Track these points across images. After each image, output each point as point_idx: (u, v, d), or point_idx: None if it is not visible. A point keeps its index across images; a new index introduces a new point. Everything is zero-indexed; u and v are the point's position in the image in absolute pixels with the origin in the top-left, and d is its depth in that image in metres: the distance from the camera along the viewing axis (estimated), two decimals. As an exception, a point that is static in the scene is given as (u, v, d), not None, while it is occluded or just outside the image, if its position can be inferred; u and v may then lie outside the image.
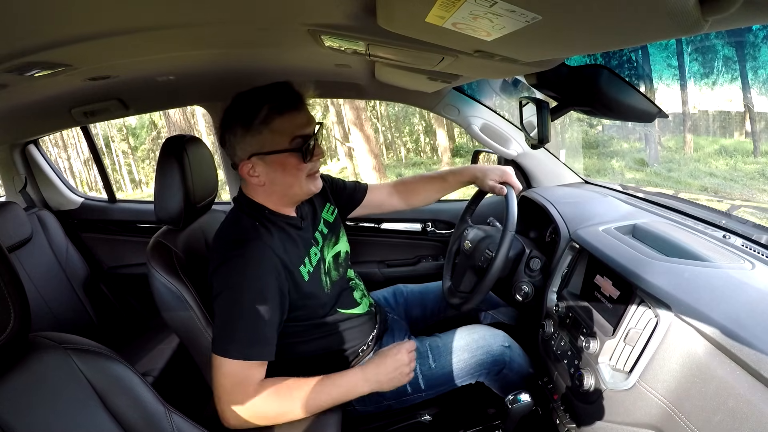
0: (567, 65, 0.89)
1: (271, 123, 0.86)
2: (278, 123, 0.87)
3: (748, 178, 4.57)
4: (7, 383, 0.53)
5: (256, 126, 0.86)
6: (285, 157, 0.89)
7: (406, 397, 1.06)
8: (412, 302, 1.36)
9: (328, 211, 1.14)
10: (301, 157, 0.89)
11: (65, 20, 0.57)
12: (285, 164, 0.89)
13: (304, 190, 0.94)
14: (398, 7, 0.48)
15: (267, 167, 0.90)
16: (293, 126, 0.88)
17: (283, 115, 0.87)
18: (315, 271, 0.97)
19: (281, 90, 0.89)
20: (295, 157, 0.89)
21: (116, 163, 15.19)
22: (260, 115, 0.86)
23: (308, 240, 1.00)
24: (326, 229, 1.09)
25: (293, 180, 0.91)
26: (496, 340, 1.10)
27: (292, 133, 0.88)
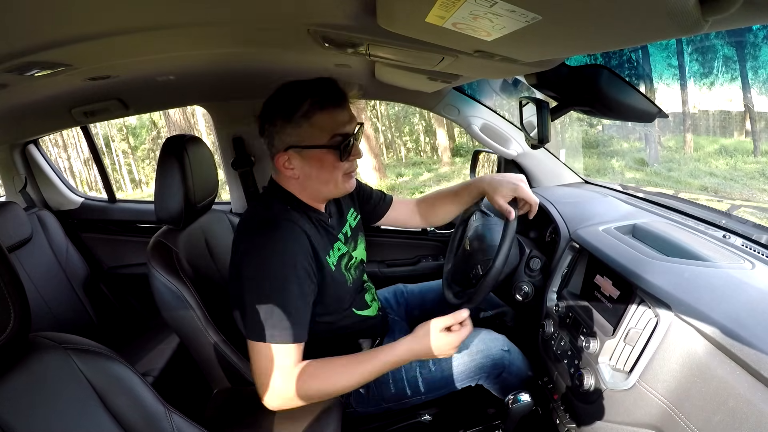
0: (567, 65, 0.89)
1: (312, 117, 0.86)
2: (319, 118, 0.86)
3: (748, 178, 4.57)
4: (7, 383, 0.53)
5: (296, 119, 0.86)
6: (323, 154, 0.88)
7: (405, 400, 1.06)
8: (412, 302, 1.36)
9: (352, 215, 1.13)
10: (338, 155, 0.88)
11: (65, 20, 0.57)
12: (322, 161, 0.89)
13: (339, 189, 0.94)
14: (398, 7, 0.48)
15: (303, 161, 0.89)
16: (334, 123, 0.87)
17: (324, 111, 0.86)
18: (338, 262, 0.97)
19: (325, 86, 0.88)
20: (332, 155, 0.88)
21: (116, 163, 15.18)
22: (302, 108, 0.85)
23: (334, 236, 1.00)
24: (350, 232, 1.09)
25: (329, 177, 0.91)
26: (496, 343, 1.10)
27: (332, 130, 0.87)
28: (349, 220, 1.10)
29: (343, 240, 1.04)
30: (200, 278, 1.04)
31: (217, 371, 1.00)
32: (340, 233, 1.04)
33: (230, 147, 1.68)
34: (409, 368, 1.06)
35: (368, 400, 1.05)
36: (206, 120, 11.65)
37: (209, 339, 0.96)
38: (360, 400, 1.06)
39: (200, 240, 1.15)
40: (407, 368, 1.06)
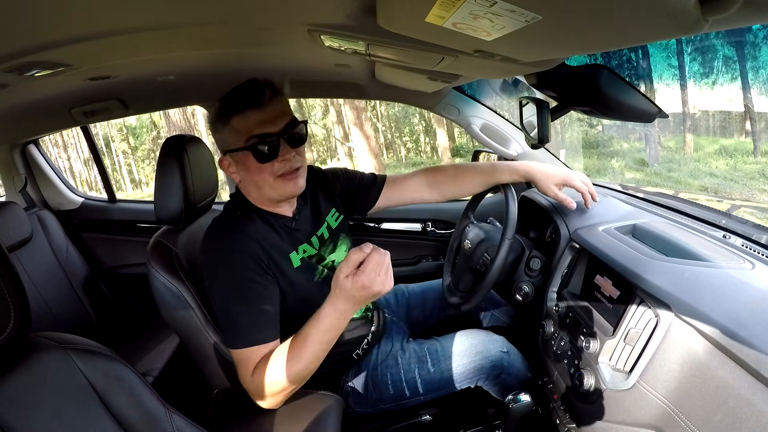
0: (567, 65, 0.89)
1: (229, 121, 0.86)
2: (236, 121, 0.86)
3: (748, 178, 4.57)
4: (7, 383, 0.53)
5: (217, 124, 0.89)
6: (244, 157, 0.87)
7: (404, 401, 1.06)
8: (413, 302, 1.36)
9: (333, 216, 1.09)
10: (257, 158, 0.86)
11: (65, 20, 0.57)
12: (245, 164, 0.88)
13: (277, 192, 0.90)
14: (398, 7, 0.48)
15: (236, 165, 0.91)
16: (249, 124, 0.85)
17: (239, 113, 0.85)
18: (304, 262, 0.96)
19: (243, 88, 0.87)
20: (251, 158, 0.86)
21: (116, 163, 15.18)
22: (220, 117, 0.87)
23: (300, 239, 0.98)
24: (327, 234, 1.06)
25: (258, 180, 0.89)
26: (495, 345, 1.10)
27: (248, 131, 0.85)
28: (328, 221, 1.07)
29: (316, 243, 1.01)
30: (200, 278, 1.04)
31: (217, 371, 1.00)
32: (313, 236, 1.01)
33: (230, 147, 1.67)
34: (408, 369, 1.06)
35: (366, 401, 1.05)
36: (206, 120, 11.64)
37: (209, 339, 0.96)
38: (358, 401, 1.06)
39: (200, 240, 1.15)
40: (406, 369, 1.06)
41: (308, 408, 0.88)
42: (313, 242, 1.01)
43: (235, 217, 0.94)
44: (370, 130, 7.75)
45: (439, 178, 1.20)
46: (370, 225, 1.84)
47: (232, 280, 0.85)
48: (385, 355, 1.09)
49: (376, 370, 1.06)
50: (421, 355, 1.08)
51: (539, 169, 1.14)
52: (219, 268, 0.87)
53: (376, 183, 1.18)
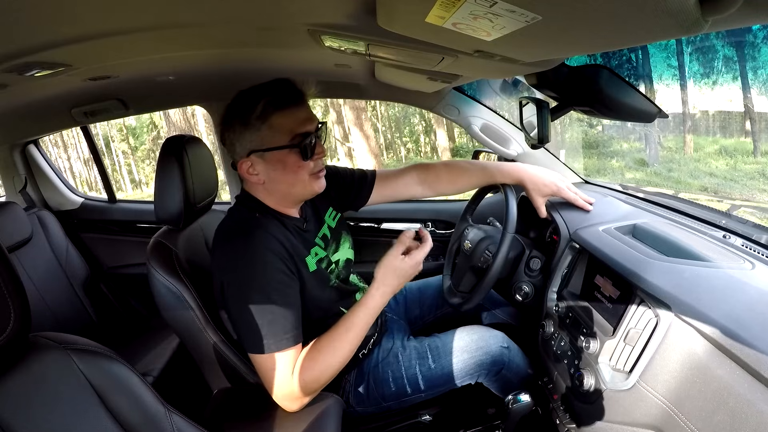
0: (567, 65, 0.90)
1: (270, 119, 0.84)
2: (277, 119, 0.85)
3: (748, 178, 4.57)
4: (7, 383, 0.53)
5: (253, 122, 0.85)
6: (285, 155, 0.87)
7: (405, 398, 1.06)
8: (411, 300, 1.36)
9: (331, 215, 1.11)
10: (301, 155, 0.87)
11: (65, 20, 0.57)
12: (285, 162, 0.87)
13: (308, 190, 0.92)
14: (398, 7, 0.48)
15: (266, 165, 0.88)
16: (293, 122, 0.86)
17: (281, 111, 0.85)
18: (318, 266, 0.97)
19: (281, 86, 0.87)
20: (295, 155, 0.87)
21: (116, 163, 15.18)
22: (257, 110, 0.84)
23: (310, 241, 0.99)
24: (329, 233, 1.07)
25: (294, 178, 0.89)
26: (495, 340, 1.10)
27: (291, 130, 0.86)
28: (327, 221, 1.08)
29: (322, 244, 1.02)
30: (200, 278, 1.04)
31: (217, 371, 1.00)
32: (317, 237, 1.02)
33: (230, 147, 1.68)
34: (409, 366, 1.06)
35: (368, 399, 1.05)
36: (206, 120, 11.65)
37: (209, 339, 0.96)
38: (360, 400, 1.06)
39: (200, 240, 1.15)
40: (407, 366, 1.06)
41: (308, 408, 0.88)
42: (319, 243, 1.02)
43: (253, 218, 0.91)
44: (369, 130, 7.75)
45: (430, 175, 1.21)
46: (369, 225, 1.84)
47: (258, 281, 0.83)
48: (386, 353, 1.09)
49: (377, 368, 1.07)
50: (421, 351, 1.08)
51: (531, 175, 1.14)
52: (244, 269, 0.83)
53: (366, 179, 1.18)
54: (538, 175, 1.15)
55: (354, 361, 1.06)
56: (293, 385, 0.82)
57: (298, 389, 0.82)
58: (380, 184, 1.19)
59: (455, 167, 1.23)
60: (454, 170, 1.22)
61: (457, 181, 1.21)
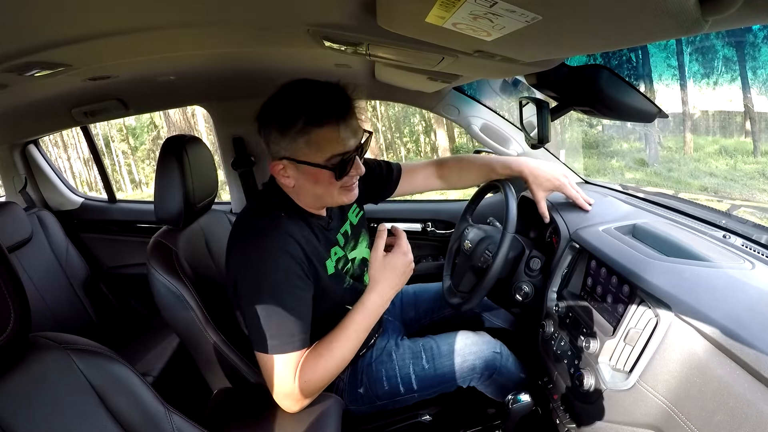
0: (567, 65, 0.90)
1: (309, 134, 0.79)
2: (316, 135, 0.79)
3: (748, 178, 4.57)
4: (7, 383, 0.53)
5: (291, 134, 0.80)
6: (318, 171, 0.83)
7: (399, 398, 1.06)
8: (406, 303, 1.36)
9: (354, 212, 1.10)
10: (335, 175, 0.83)
11: (65, 20, 0.57)
12: (317, 177, 0.84)
13: (335, 201, 0.90)
14: (398, 7, 0.48)
15: (298, 173, 0.85)
16: (333, 142, 0.80)
17: (323, 127, 0.79)
18: (336, 267, 0.96)
19: (327, 96, 0.81)
20: (329, 174, 0.83)
21: (116, 163, 15.17)
22: (297, 125, 0.79)
23: (332, 240, 0.98)
24: (350, 230, 1.06)
25: (324, 192, 0.87)
26: (488, 345, 1.10)
27: (330, 150, 0.80)
28: (350, 217, 1.08)
29: (342, 241, 1.02)
30: (200, 278, 1.04)
31: (217, 371, 1.00)
32: (338, 234, 1.02)
33: (230, 147, 1.68)
34: (402, 365, 1.06)
35: (362, 398, 1.06)
36: (206, 120, 11.65)
37: (209, 339, 0.96)
38: (353, 398, 1.06)
39: (200, 240, 1.15)
40: (401, 365, 1.06)
41: (308, 408, 0.88)
42: (340, 240, 1.01)
43: (278, 216, 0.88)
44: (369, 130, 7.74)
45: (445, 169, 1.26)
46: (369, 225, 1.83)
47: (272, 283, 0.82)
48: (380, 352, 1.09)
49: (371, 367, 1.07)
50: (415, 351, 1.08)
51: (533, 169, 1.14)
52: (259, 268, 0.83)
53: (393, 172, 1.20)
54: (541, 168, 1.14)
55: (354, 359, 1.06)
56: (294, 388, 0.82)
57: (298, 392, 0.82)
58: (405, 178, 1.22)
59: (463, 161, 1.27)
60: (462, 164, 1.26)
61: (463, 175, 1.25)
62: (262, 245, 0.84)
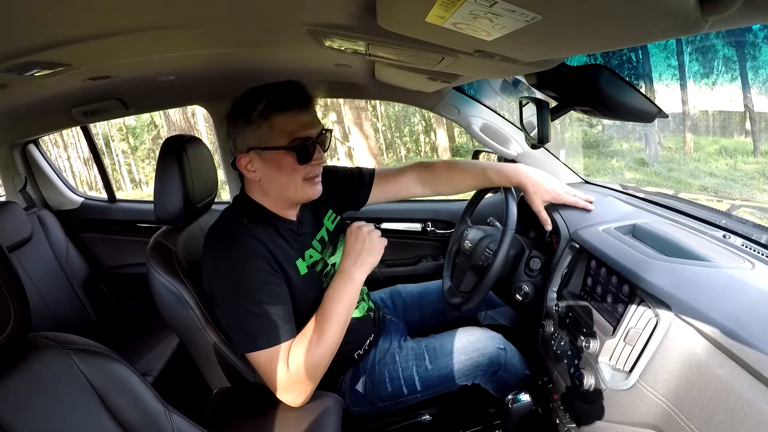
0: (567, 65, 0.89)
1: (271, 118, 0.85)
2: (278, 120, 0.85)
3: (748, 178, 4.57)
4: (7, 383, 0.53)
5: (254, 119, 0.85)
6: (281, 156, 0.87)
7: (402, 399, 1.06)
8: (411, 304, 1.36)
9: (330, 218, 1.11)
10: (297, 159, 0.87)
11: (65, 20, 0.57)
12: (280, 163, 0.88)
13: (300, 194, 0.92)
14: (398, 6, 0.48)
15: (263, 163, 0.89)
16: (294, 125, 0.86)
17: (283, 112, 0.85)
18: (311, 268, 0.97)
19: (288, 88, 0.87)
20: (291, 157, 0.87)
21: (116, 162, 15.17)
22: (258, 108, 0.84)
23: (305, 244, 0.99)
24: (326, 236, 1.07)
25: (288, 180, 0.89)
26: (492, 342, 1.10)
27: (291, 132, 0.86)
28: (326, 224, 1.09)
29: (319, 247, 1.02)
30: (199, 278, 1.04)
31: (217, 371, 1.00)
32: (314, 240, 1.03)
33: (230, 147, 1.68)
34: (405, 367, 1.06)
35: (364, 400, 1.05)
36: (206, 120, 11.65)
37: (209, 339, 0.96)
38: (356, 400, 1.06)
39: (199, 240, 1.15)
40: (404, 367, 1.06)
41: (308, 408, 0.88)
42: (316, 245, 1.02)
43: (240, 223, 0.91)
44: (369, 130, 7.75)
45: (429, 174, 1.21)
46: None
47: (245, 286, 0.84)
48: (383, 354, 1.09)
49: (374, 369, 1.07)
50: (418, 352, 1.08)
51: (531, 179, 1.14)
52: (230, 276, 0.85)
53: (365, 178, 1.18)
54: (538, 180, 1.15)
55: (350, 361, 1.06)
56: (289, 378, 0.83)
57: (294, 381, 0.83)
58: (379, 183, 1.18)
59: (454, 167, 1.23)
60: (453, 170, 1.22)
61: (454, 181, 1.21)
62: (228, 253, 0.86)
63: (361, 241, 0.92)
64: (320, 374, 0.87)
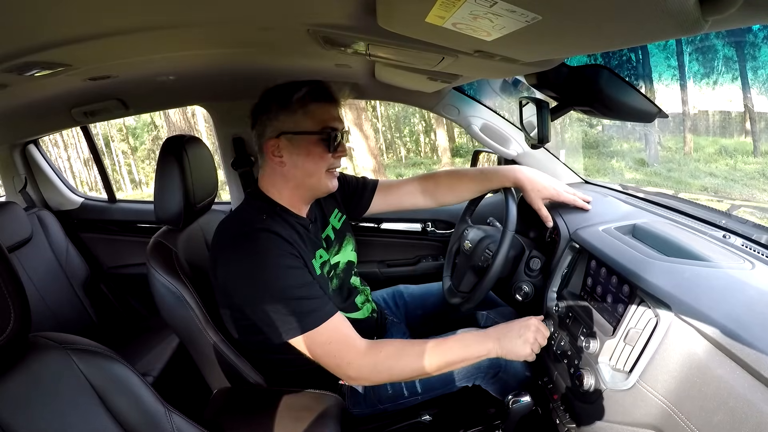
0: (567, 65, 0.89)
1: (307, 106, 0.90)
2: (314, 108, 0.90)
3: (748, 178, 4.57)
4: (7, 383, 0.53)
5: (292, 105, 0.89)
6: (312, 142, 0.91)
7: (402, 401, 1.06)
8: (412, 305, 1.36)
9: (336, 217, 1.12)
10: (326, 146, 0.91)
11: (65, 20, 0.57)
12: (310, 150, 0.91)
13: (322, 184, 0.95)
14: (398, 7, 0.48)
15: (292, 148, 0.91)
16: (327, 115, 0.92)
17: (319, 102, 0.91)
18: (321, 269, 0.97)
19: (322, 83, 0.93)
20: (321, 146, 0.91)
21: (116, 163, 15.17)
22: (298, 95, 0.89)
23: (316, 243, 0.99)
24: (333, 235, 1.08)
25: (314, 168, 0.92)
26: None
27: (324, 121, 0.91)
28: (332, 222, 1.09)
29: (325, 245, 1.03)
30: (199, 278, 1.04)
31: (217, 371, 1.00)
32: (322, 239, 1.03)
33: (230, 147, 1.68)
34: None
35: (365, 401, 1.05)
36: (206, 120, 11.65)
37: (209, 339, 0.96)
38: (356, 401, 1.06)
39: (200, 240, 1.15)
40: None
41: (308, 408, 0.88)
42: (323, 244, 1.02)
43: (260, 221, 0.90)
44: (369, 130, 7.75)
45: (431, 185, 1.23)
46: (369, 225, 1.84)
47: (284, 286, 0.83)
48: None
49: None
50: None
51: (530, 178, 1.15)
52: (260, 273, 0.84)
53: (367, 188, 1.20)
54: (536, 178, 1.16)
55: None
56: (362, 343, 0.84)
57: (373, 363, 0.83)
58: (382, 193, 1.21)
59: (455, 175, 1.25)
60: (454, 178, 1.24)
61: (456, 188, 1.23)
62: (252, 250, 0.85)
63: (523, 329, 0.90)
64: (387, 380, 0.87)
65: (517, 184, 1.16)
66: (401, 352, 0.85)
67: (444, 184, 1.23)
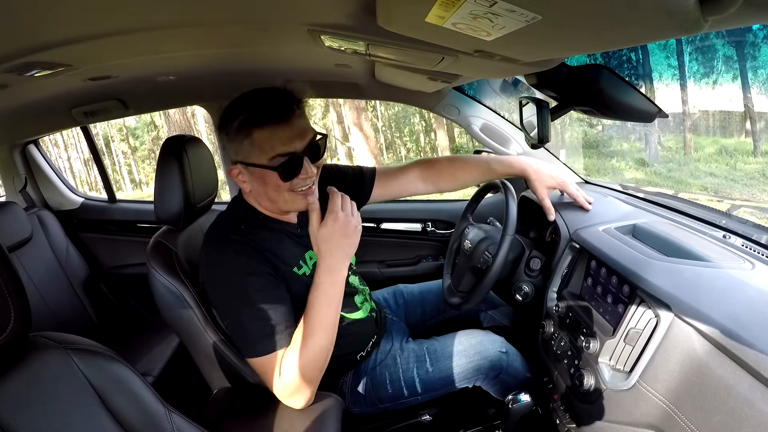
0: (567, 65, 0.90)
1: (251, 134, 0.80)
2: (257, 135, 0.80)
3: (748, 178, 4.57)
4: (7, 383, 0.53)
5: (233, 135, 0.82)
6: (264, 173, 0.82)
7: (402, 401, 1.06)
8: (412, 303, 1.36)
9: None
10: (281, 176, 0.81)
11: (65, 20, 0.57)
12: (265, 180, 0.83)
13: (290, 206, 0.89)
14: (398, 6, 0.48)
15: (250, 176, 0.86)
16: (275, 141, 0.80)
17: (263, 127, 0.79)
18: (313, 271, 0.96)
19: (267, 100, 0.81)
20: (275, 176, 0.82)
21: (116, 163, 15.18)
22: (234, 125, 0.81)
23: (307, 246, 0.97)
24: None
25: (275, 196, 0.86)
26: (494, 345, 1.10)
27: (272, 149, 0.80)
28: None
29: None
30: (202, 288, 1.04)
31: (217, 371, 1.00)
32: None
33: (230, 147, 1.68)
34: (406, 369, 1.06)
35: (365, 401, 1.05)
36: (206, 120, 11.65)
37: (209, 339, 0.96)
38: (356, 401, 1.06)
39: (200, 240, 1.14)
40: (404, 369, 1.06)
41: (308, 408, 0.88)
42: None
43: (238, 230, 0.89)
44: (370, 130, 7.75)
45: (432, 171, 1.20)
46: (369, 225, 1.84)
47: (244, 292, 0.83)
48: (384, 355, 1.09)
49: (375, 371, 1.06)
50: (419, 354, 1.08)
51: (535, 167, 1.14)
52: (229, 282, 0.84)
53: (366, 178, 1.16)
54: (542, 168, 1.14)
55: (352, 362, 1.06)
56: (284, 384, 0.82)
57: (292, 387, 0.82)
58: (381, 182, 1.17)
59: (456, 161, 1.22)
60: (455, 164, 1.21)
61: (458, 176, 1.20)
62: (226, 259, 0.85)
63: (341, 236, 0.84)
64: (316, 378, 0.85)
65: (522, 173, 1.14)
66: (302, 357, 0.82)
67: (446, 172, 1.19)
